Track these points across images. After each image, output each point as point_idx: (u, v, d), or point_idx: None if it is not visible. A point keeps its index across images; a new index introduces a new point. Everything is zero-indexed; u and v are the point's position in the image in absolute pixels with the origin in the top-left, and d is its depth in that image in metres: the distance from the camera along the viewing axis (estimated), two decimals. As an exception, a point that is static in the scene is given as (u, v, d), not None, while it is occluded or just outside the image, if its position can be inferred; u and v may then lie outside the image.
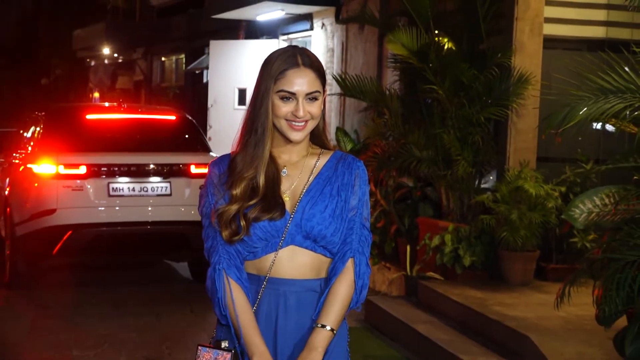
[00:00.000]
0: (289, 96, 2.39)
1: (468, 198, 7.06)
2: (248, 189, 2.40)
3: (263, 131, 2.40)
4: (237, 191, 2.39)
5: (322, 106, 2.44)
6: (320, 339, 2.38)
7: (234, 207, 2.39)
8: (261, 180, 2.40)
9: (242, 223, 2.37)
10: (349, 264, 2.42)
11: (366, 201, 2.48)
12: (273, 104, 2.39)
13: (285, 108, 2.39)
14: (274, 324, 2.43)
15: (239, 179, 2.40)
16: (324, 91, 2.46)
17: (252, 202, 2.39)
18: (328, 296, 2.41)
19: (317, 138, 2.51)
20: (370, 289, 6.25)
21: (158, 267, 8.82)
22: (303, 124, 2.40)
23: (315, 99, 2.41)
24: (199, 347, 2.39)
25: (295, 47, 2.50)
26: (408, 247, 6.99)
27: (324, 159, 2.49)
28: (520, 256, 6.51)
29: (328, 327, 2.38)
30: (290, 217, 2.40)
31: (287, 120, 2.40)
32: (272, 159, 2.44)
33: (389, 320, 6.33)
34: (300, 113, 2.38)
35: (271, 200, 2.40)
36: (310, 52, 2.47)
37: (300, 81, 2.39)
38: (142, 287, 7.80)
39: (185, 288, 7.88)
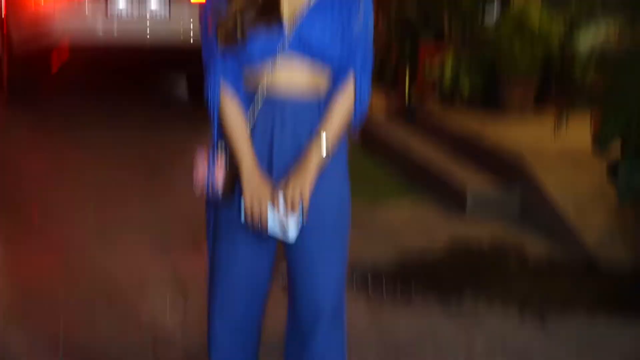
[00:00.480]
0: None
1: (471, 27, 6.92)
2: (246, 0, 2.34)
3: None
4: (236, 3, 2.33)
5: None
6: (316, 148, 2.37)
7: (231, 17, 2.33)
8: None
9: (239, 33, 2.33)
10: (350, 79, 2.37)
11: (370, 25, 2.40)
12: None
13: None
14: (269, 140, 2.41)
15: None
16: None
17: (249, 11, 2.32)
18: (327, 111, 2.38)
19: None
20: (368, 114, 6.22)
21: (157, 87, 8.77)
22: None
23: None
24: (198, 149, 2.44)
25: None
26: (407, 74, 6.93)
27: None
28: (521, 81, 6.40)
29: (324, 135, 2.36)
30: (289, 31, 2.34)
31: None
32: None
33: (386, 144, 6.36)
34: None
35: (270, 10, 2.34)
36: None
37: None
38: (141, 107, 7.79)
39: (186, 106, 7.88)
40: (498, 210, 5.12)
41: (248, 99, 2.40)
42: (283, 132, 2.40)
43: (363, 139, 6.60)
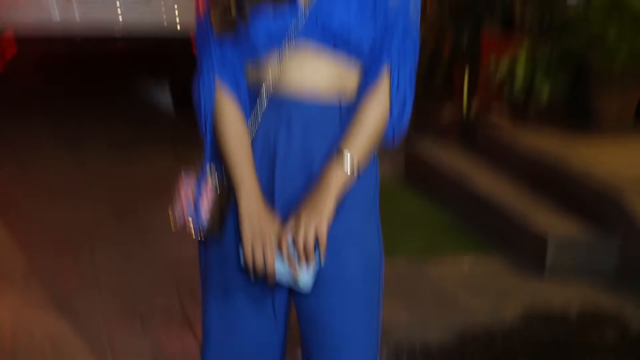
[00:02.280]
0: None
1: (550, 9, 6.81)
2: None
3: None
4: None
5: None
6: (336, 173, 2.30)
7: None
8: None
9: (238, 13, 2.31)
10: (384, 75, 2.32)
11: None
12: None
13: None
14: (273, 154, 2.37)
15: None
16: None
17: None
18: (353, 118, 2.33)
19: None
20: (413, 128, 6.19)
21: (131, 95, 8.79)
22: None
23: None
24: (183, 173, 2.41)
25: None
26: (466, 75, 6.86)
27: None
28: (618, 90, 6.31)
29: (348, 156, 2.30)
30: (304, 8, 2.29)
31: None
32: None
33: (437, 173, 6.31)
34: None
35: None
36: None
37: None
38: (110, 122, 7.85)
39: (166, 123, 7.92)
40: (589, 264, 5.09)
41: (249, 99, 2.40)
42: (289, 144, 2.35)
43: (407, 167, 6.57)
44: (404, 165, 6.62)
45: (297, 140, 2.34)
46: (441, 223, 5.81)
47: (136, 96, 8.83)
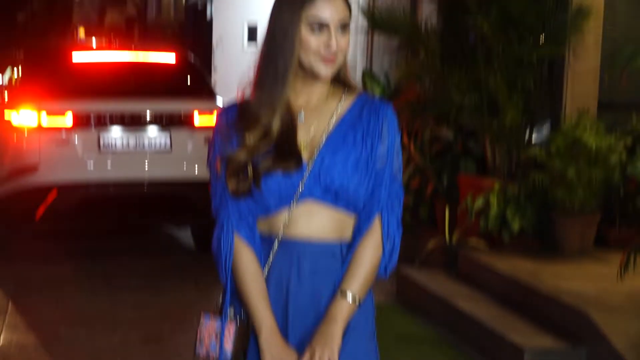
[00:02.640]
0: (321, 26, 2.37)
1: (517, 152, 7.00)
2: (260, 135, 2.40)
3: (285, 68, 2.39)
4: (248, 137, 2.40)
5: None
6: (341, 309, 2.40)
7: (243, 155, 2.40)
8: (276, 125, 2.40)
9: (251, 174, 2.39)
10: (376, 222, 2.43)
11: (397, 151, 2.48)
12: (300, 36, 2.38)
13: (316, 41, 2.38)
14: (285, 292, 2.45)
15: (252, 123, 2.40)
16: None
17: (263, 151, 2.40)
18: (351, 260, 2.43)
19: (338, 77, 2.50)
20: (403, 258, 6.25)
21: (157, 234, 8.84)
22: (333, 56, 2.40)
23: (345, 27, 2.40)
24: (203, 315, 2.49)
25: None
26: (447, 211, 6.95)
27: (347, 102, 2.49)
28: (578, 220, 6.47)
29: (350, 295, 2.40)
30: (308, 169, 2.41)
31: (316, 54, 2.39)
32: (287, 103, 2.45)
33: (425, 295, 6.35)
34: (334, 46, 2.38)
35: (286, 149, 2.41)
36: None
37: (332, 8, 2.37)
38: (138, 258, 7.88)
39: (189, 259, 7.95)
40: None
41: (261, 243, 2.47)
42: (300, 284, 2.44)
43: (398, 290, 6.64)
44: (396, 289, 6.67)
45: (306, 280, 2.44)
46: (431, 339, 5.85)
47: (162, 235, 8.90)
